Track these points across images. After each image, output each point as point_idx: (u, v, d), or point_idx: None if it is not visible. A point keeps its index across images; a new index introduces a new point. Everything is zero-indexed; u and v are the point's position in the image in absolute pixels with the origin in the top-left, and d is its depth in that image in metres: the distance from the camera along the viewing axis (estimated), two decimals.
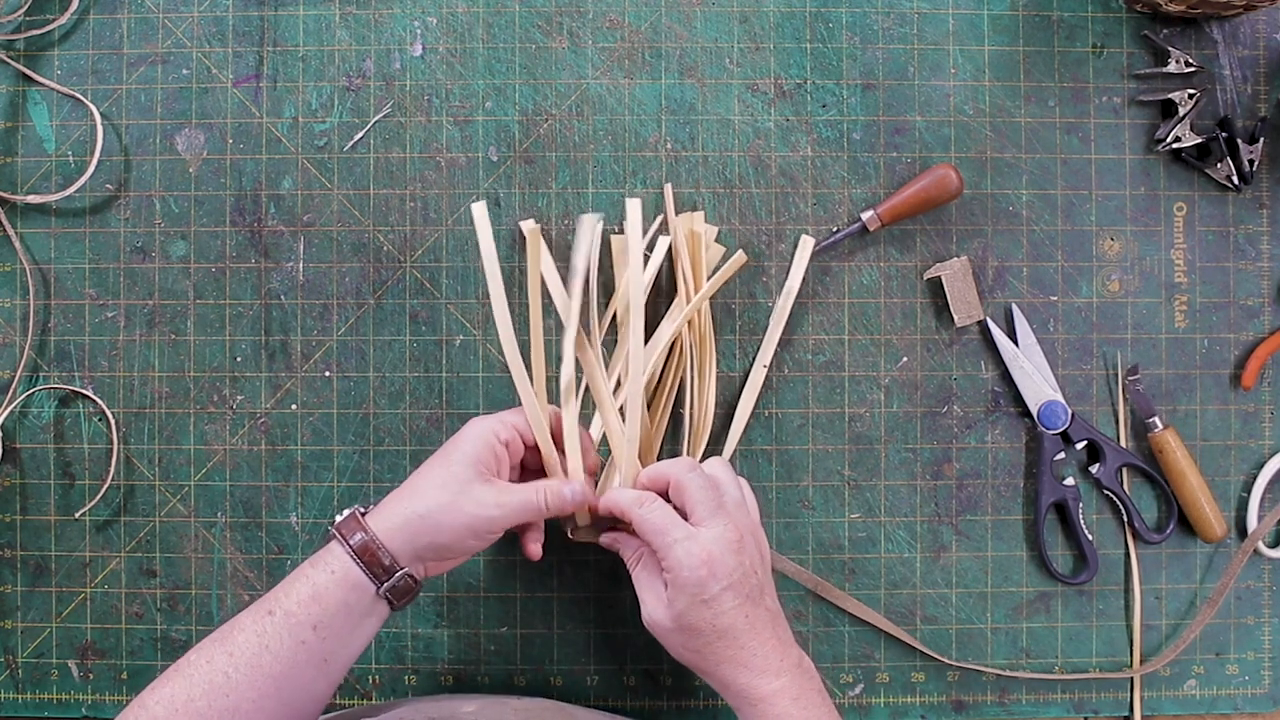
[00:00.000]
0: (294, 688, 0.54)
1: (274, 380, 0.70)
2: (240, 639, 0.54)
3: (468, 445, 0.58)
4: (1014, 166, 0.71)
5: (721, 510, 0.57)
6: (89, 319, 0.70)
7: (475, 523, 0.57)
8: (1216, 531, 0.69)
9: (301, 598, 0.55)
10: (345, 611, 0.55)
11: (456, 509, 0.56)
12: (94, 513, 0.70)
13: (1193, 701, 0.71)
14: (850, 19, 0.71)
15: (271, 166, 0.70)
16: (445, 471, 0.57)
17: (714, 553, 0.55)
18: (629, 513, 0.58)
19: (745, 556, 0.56)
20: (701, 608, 0.55)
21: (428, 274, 0.70)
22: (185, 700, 0.52)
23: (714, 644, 0.56)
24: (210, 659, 0.53)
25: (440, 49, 0.70)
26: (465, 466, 0.57)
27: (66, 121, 0.70)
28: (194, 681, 0.53)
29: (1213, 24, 0.71)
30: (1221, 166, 0.70)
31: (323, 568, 0.56)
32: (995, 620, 0.70)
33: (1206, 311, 0.71)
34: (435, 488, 0.57)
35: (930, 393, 0.70)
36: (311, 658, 0.54)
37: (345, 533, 0.56)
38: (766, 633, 0.56)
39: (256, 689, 0.53)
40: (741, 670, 0.56)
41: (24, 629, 0.70)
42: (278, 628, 0.54)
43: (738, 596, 0.55)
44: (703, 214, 0.69)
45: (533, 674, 0.70)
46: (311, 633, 0.54)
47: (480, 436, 0.59)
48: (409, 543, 0.56)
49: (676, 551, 0.55)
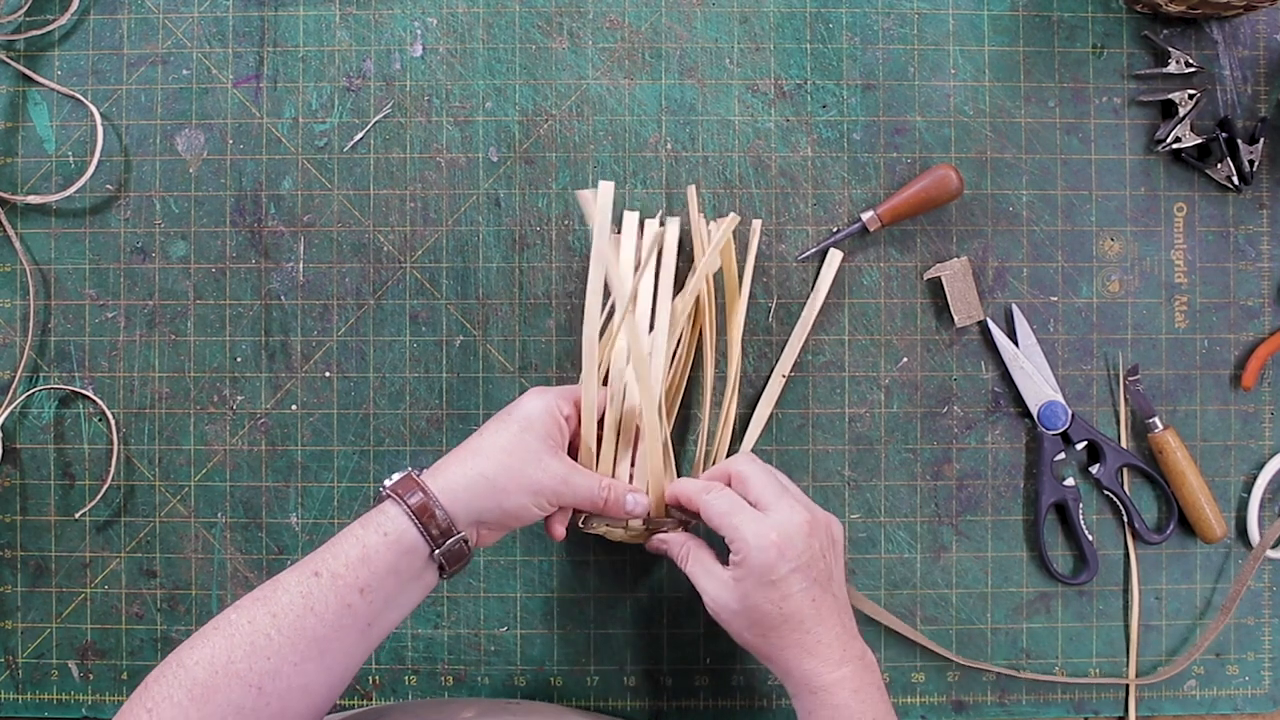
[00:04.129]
0: (336, 651, 0.53)
1: (274, 380, 0.70)
2: (284, 599, 0.52)
3: (535, 416, 0.58)
4: (1014, 167, 0.71)
5: (787, 495, 0.57)
6: (89, 319, 0.70)
7: (542, 491, 0.57)
8: (1216, 532, 0.69)
9: (350, 559, 0.53)
10: (395, 576, 0.54)
11: (525, 475, 0.56)
12: (94, 513, 0.70)
13: (1192, 702, 0.71)
14: (850, 19, 0.71)
15: (271, 167, 0.70)
16: (513, 438, 0.57)
17: (785, 532, 0.55)
18: (696, 499, 0.58)
19: (816, 540, 0.56)
20: (769, 589, 0.55)
21: (428, 274, 0.70)
22: (225, 661, 0.50)
23: (779, 628, 0.55)
24: (252, 619, 0.51)
25: (440, 49, 0.70)
26: (534, 436, 0.57)
27: (66, 121, 0.70)
28: (235, 642, 0.51)
29: (1213, 24, 0.71)
30: (1221, 167, 0.70)
31: (374, 529, 0.54)
32: (995, 620, 0.70)
33: (1206, 312, 0.71)
34: (503, 452, 0.56)
35: (930, 393, 0.70)
36: (356, 621, 0.53)
37: (402, 492, 0.55)
38: (832, 619, 0.55)
39: (299, 651, 0.51)
40: (805, 656, 0.55)
41: (24, 629, 0.70)
42: (324, 589, 0.52)
43: (805, 580, 0.55)
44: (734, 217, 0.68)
45: (533, 674, 0.70)
46: (359, 596, 0.53)
47: (546, 410, 0.58)
48: (470, 504, 0.55)
49: (745, 531, 0.55)
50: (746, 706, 0.70)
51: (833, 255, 0.69)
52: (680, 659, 0.70)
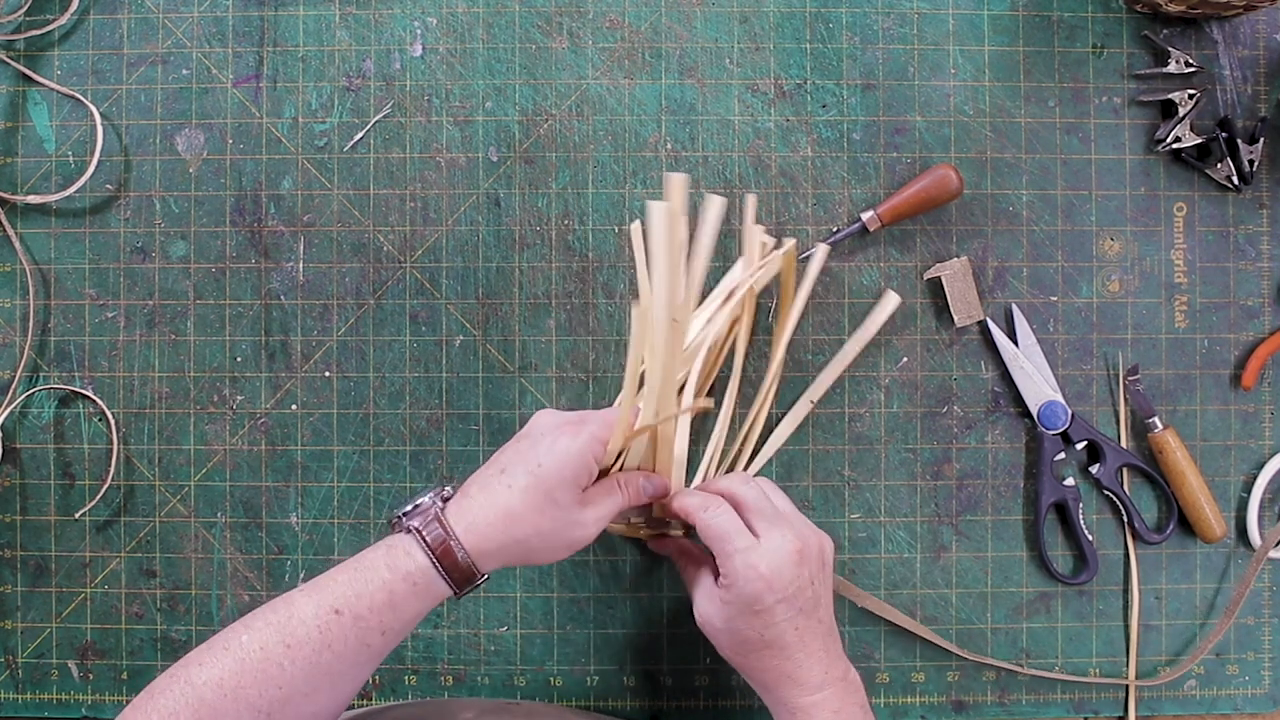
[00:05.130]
0: (348, 680, 0.53)
1: (274, 380, 0.70)
2: (301, 632, 0.51)
3: (569, 468, 0.56)
4: (1014, 166, 0.71)
5: (782, 519, 0.57)
6: (89, 319, 0.70)
7: (577, 545, 0.57)
8: (1216, 532, 0.69)
9: (375, 604, 0.52)
10: (417, 618, 0.54)
11: (561, 537, 0.56)
12: (94, 513, 0.70)
13: (1192, 702, 0.71)
14: (850, 19, 0.71)
15: (271, 166, 0.70)
16: (544, 495, 0.55)
17: (774, 564, 0.55)
18: (694, 516, 0.58)
19: (805, 569, 0.56)
20: (753, 618, 0.55)
21: (428, 274, 0.70)
22: (235, 686, 0.50)
23: (760, 652, 0.56)
24: (265, 645, 0.51)
25: (440, 49, 0.70)
26: (566, 491, 0.56)
27: (66, 121, 0.70)
28: (246, 667, 0.50)
29: (1213, 24, 0.71)
30: (1221, 167, 0.70)
31: (403, 576, 0.53)
32: (995, 620, 0.70)
33: (1206, 311, 0.71)
34: (535, 513, 0.55)
35: (930, 393, 0.70)
36: (371, 656, 0.53)
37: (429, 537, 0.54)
38: (815, 645, 0.56)
39: (311, 683, 0.51)
40: (784, 680, 0.56)
41: (24, 629, 0.70)
42: (344, 629, 0.52)
43: (791, 609, 0.55)
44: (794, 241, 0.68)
45: (533, 674, 0.70)
46: (379, 637, 0.53)
47: (581, 459, 0.56)
48: (501, 558, 0.55)
49: (736, 562, 0.55)
50: (746, 706, 0.70)
51: (819, 250, 0.69)
52: (680, 659, 0.70)
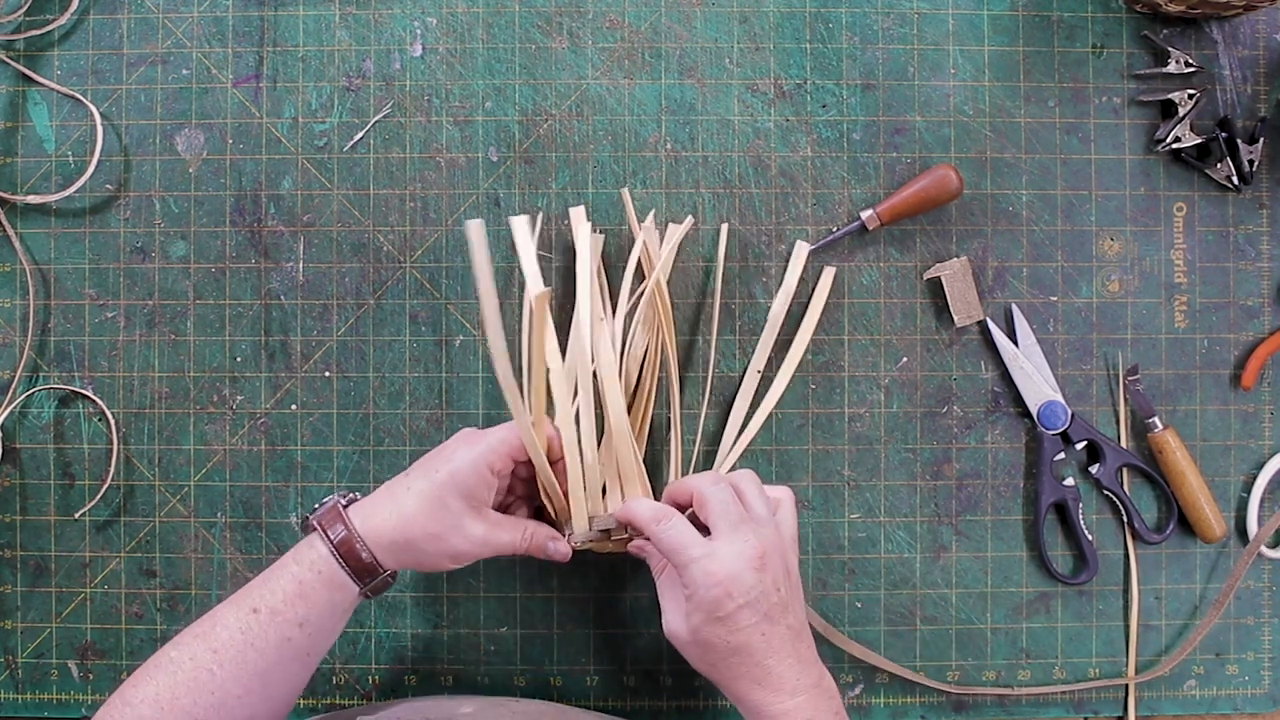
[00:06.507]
0: (278, 681, 0.55)
1: (274, 380, 0.70)
2: (224, 635, 0.54)
3: (461, 475, 0.58)
4: (1014, 166, 0.71)
5: (744, 525, 0.56)
6: (89, 319, 0.70)
7: (461, 557, 0.59)
8: (1216, 532, 0.69)
9: (287, 595, 0.55)
10: (330, 608, 0.56)
11: (445, 542, 0.58)
12: (94, 513, 0.70)
13: (1192, 702, 0.71)
14: (850, 19, 0.71)
15: (271, 166, 0.70)
16: (435, 503, 0.57)
17: (732, 571, 0.54)
18: (647, 529, 0.58)
19: (768, 574, 0.55)
20: (716, 625, 0.55)
21: (428, 274, 0.70)
22: (170, 698, 0.53)
23: (728, 659, 0.55)
24: (193, 655, 0.54)
25: (440, 49, 0.70)
26: (458, 498, 0.58)
27: (66, 121, 0.70)
28: (178, 679, 0.53)
29: (1213, 24, 0.71)
30: (1221, 167, 0.70)
31: (308, 566, 0.56)
32: (995, 620, 0.70)
33: (1206, 311, 0.71)
34: (425, 515, 0.57)
35: (930, 393, 0.70)
36: (296, 653, 0.55)
37: (330, 532, 0.57)
38: (785, 651, 0.55)
39: (241, 685, 0.54)
40: (755, 687, 0.55)
41: (24, 629, 0.70)
42: (263, 626, 0.55)
43: (755, 614, 0.54)
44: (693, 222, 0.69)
45: (533, 674, 0.70)
46: (298, 630, 0.55)
47: (474, 467, 0.58)
48: (395, 556, 0.58)
49: (693, 570, 0.55)
50: None
51: (800, 247, 0.69)
52: (680, 659, 0.70)
